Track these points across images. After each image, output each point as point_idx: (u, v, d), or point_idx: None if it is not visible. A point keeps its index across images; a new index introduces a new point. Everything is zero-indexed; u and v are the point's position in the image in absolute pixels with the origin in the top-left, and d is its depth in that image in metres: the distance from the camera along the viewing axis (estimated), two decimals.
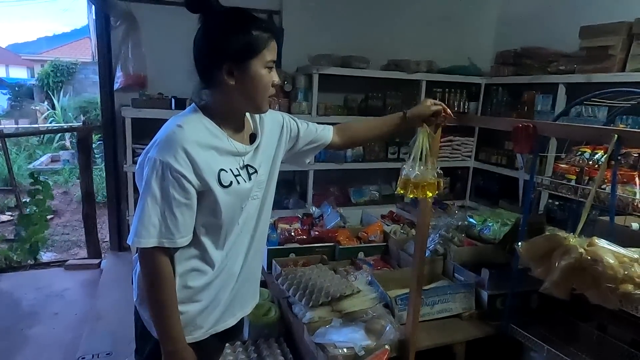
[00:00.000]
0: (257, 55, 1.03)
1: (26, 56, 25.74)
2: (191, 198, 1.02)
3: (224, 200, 1.05)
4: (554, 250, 0.89)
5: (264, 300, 1.87)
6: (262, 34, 1.04)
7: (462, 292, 1.75)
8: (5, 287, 3.08)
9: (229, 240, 1.12)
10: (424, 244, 1.39)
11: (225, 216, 1.07)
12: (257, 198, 1.16)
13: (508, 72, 3.39)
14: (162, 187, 1.00)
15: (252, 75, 1.04)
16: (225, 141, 1.07)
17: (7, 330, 2.52)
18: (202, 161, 1.01)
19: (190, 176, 1.00)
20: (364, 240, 2.29)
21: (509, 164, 3.40)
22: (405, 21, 3.52)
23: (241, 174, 1.09)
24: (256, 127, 1.19)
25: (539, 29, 3.34)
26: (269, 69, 1.05)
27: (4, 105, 15.89)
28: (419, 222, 1.38)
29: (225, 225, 1.09)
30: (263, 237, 1.24)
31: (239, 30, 1.03)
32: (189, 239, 1.05)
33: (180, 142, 1.00)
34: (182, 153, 0.99)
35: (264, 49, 1.04)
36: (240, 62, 1.03)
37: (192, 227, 1.05)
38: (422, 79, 3.43)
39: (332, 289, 1.71)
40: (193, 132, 1.02)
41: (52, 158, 8.65)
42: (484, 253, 1.94)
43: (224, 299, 1.14)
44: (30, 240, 3.54)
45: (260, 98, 1.08)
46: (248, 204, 1.12)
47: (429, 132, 1.34)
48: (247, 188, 1.10)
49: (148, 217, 0.99)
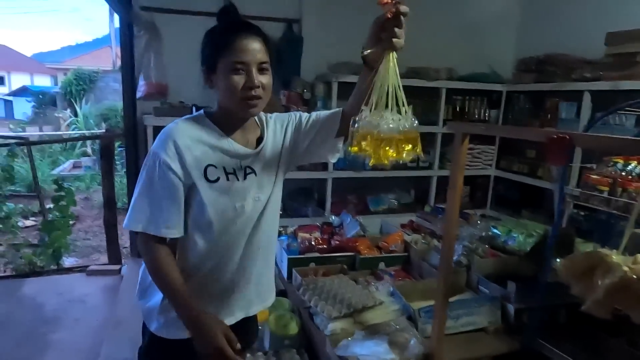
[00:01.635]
0: (222, 58, 1.04)
1: (50, 65, 26.55)
2: (176, 190, 1.06)
3: (210, 196, 1.07)
4: (594, 268, 0.86)
5: (285, 311, 1.86)
6: (226, 35, 1.05)
7: (487, 305, 1.70)
8: (29, 291, 3.13)
9: (223, 240, 1.12)
10: (451, 255, 1.36)
11: (213, 213, 1.09)
12: (259, 200, 1.15)
13: (530, 80, 3.33)
14: (150, 177, 1.06)
15: (220, 77, 1.05)
16: (223, 142, 1.10)
17: (30, 335, 2.56)
18: (190, 154, 1.05)
19: (175, 167, 1.04)
20: (385, 250, 2.26)
21: (531, 172, 3.33)
22: (425, 28, 3.48)
23: (236, 173, 1.11)
24: (263, 130, 1.19)
25: (562, 36, 3.28)
26: (237, 70, 1.03)
27: (29, 113, 16.37)
28: (446, 232, 1.35)
29: (217, 224, 1.09)
30: (268, 240, 1.22)
31: (209, 33, 1.08)
32: (178, 232, 1.08)
33: (172, 135, 1.06)
34: (172, 145, 1.05)
35: (227, 50, 1.03)
36: (210, 65, 1.06)
37: (178, 220, 1.07)
38: (442, 86, 3.40)
39: (354, 300, 1.69)
40: (188, 128, 1.09)
41: (74, 164, 8.85)
42: (509, 265, 1.89)
43: (213, 295, 1.16)
44: (54, 245, 3.61)
45: (232, 101, 1.06)
46: (247, 205, 1.12)
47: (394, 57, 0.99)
48: (240, 187, 1.11)
49: (138, 204, 1.06)
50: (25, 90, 20.97)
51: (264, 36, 1.10)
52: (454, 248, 1.99)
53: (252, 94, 1.04)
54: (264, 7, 3.09)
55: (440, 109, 3.45)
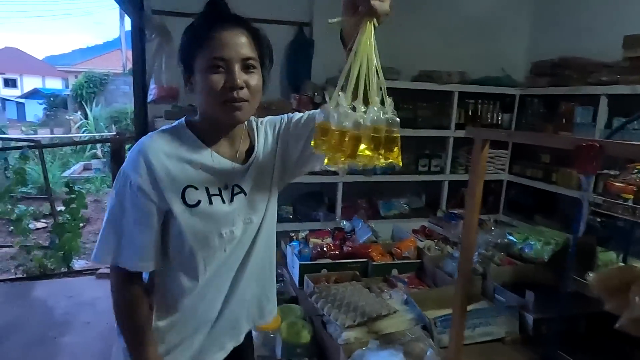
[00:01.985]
0: (199, 54, 0.89)
1: (61, 68, 26.93)
2: (150, 217, 0.90)
3: (189, 222, 0.92)
4: (629, 283, 0.82)
5: (297, 318, 1.83)
6: (203, 28, 0.90)
7: (505, 314, 1.66)
8: (40, 294, 3.14)
9: (209, 271, 0.97)
10: (469, 264, 1.33)
11: (195, 242, 0.93)
12: (251, 222, 1.01)
13: (544, 83, 3.28)
14: (121, 201, 0.91)
15: (198, 78, 0.90)
16: (205, 156, 0.95)
17: (41, 338, 2.56)
18: (165, 174, 0.90)
19: (148, 189, 0.89)
20: (397, 256, 2.23)
21: (545, 177, 3.27)
22: (437, 31, 3.46)
23: (222, 194, 0.95)
24: (254, 140, 1.05)
25: (577, 39, 3.23)
26: (216, 68, 0.88)
27: (40, 115, 16.59)
28: (464, 240, 1.31)
29: (201, 254, 0.95)
30: (264, 263, 1.08)
31: (188, 28, 0.94)
32: (153, 264, 0.94)
33: (144, 151, 0.90)
34: (143, 163, 0.89)
35: (204, 45, 0.88)
36: (188, 64, 0.93)
37: (154, 251, 0.93)
38: (454, 90, 3.36)
39: (368, 309, 1.66)
40: (162, 142, 0.92)
41: (84, 166, 8.92)
42: (527, 273, 1.84)
43: (199, 330, 1.01)
44: (64, 248, 3.63)
45: (212, 105, 0.91)
46: (237, 230, 0.98)
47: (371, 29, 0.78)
48: (225, 211, 0.95)
49: (106, 233, 0.92)
50: (36, 92, 21.27)
51: (252, 29, 0.94)
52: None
53: (234, 96, 0.88)
54: (274, 10, 3.09)
55: (452, 112, 3.41)
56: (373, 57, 0.78)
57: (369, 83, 0.77)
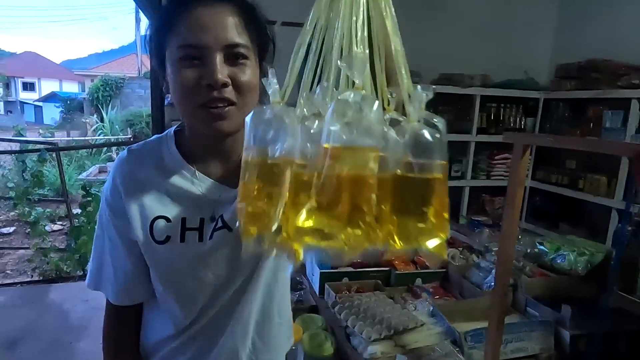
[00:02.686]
0: (168, 42, 0.68)
1: (78, 71, 27.44)
2: (123, 244, 0.77)
3: (157, 260, 0.76)
4: None
5: (319, 329, 1.76)
6: (173, 7, 0.68)
7: (539, 330, 1.57)
8: (56, 297, 3.13)
9: (189, 319, 0.79)
10: (507, 277, 1.25)
11: (165, 284, 0.77)
12: (241, 265, 0.78)
13: (570, 86, 3.17)
14: (100, 223, 0.81)
15: (169, 75, 0.69)
16: (186, 178, 0.75)
17: (57, 343, 2.54)
18: (133, 202, 0.74)
19: (117, 215, 0.76)
20: (421, 265, 2.15)
21: (571, 184, 3.16)
22: (458, 34, 3.38)
23: (203, 227, 0.75)
24: None
25: (603, 41, 3.12)
26: (189, 59, 0.65)
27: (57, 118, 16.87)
28: (502, 249, 1.24)
29: (177, 298, 0.78)
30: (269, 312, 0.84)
31: (158, 11, 0.74)
32: (131, 298, 0.81)
33: (116, 169, 0.77)
34: (113, 185, 0.76)
35: (173, 30, 0.66)
36: (159, 57, 0.71)
37: (131, 282, 0.79)
38: (476, 93, 3.27)
39: (394, 321, 1.58)
40: (137, 162, 0.77)
41: (99, 169, 9.00)
42: (561, 286, 1.75)
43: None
44: (80, 251, 3.62)
45: (183, 110, 0.70)
46: (220, 273, 0.76)
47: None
48: (201, 251, 0.74)
49: (92, 257, 0.84)
50: (54, 96, 21.69)
51: (243, 4, 0.69)
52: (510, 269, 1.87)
53: (214, 96, 0.65)
54: (296, 12, 3.05)
55: (473, 116, 3.32)
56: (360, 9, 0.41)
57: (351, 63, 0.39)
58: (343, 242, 0.32)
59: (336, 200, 0.32)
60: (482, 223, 2.67)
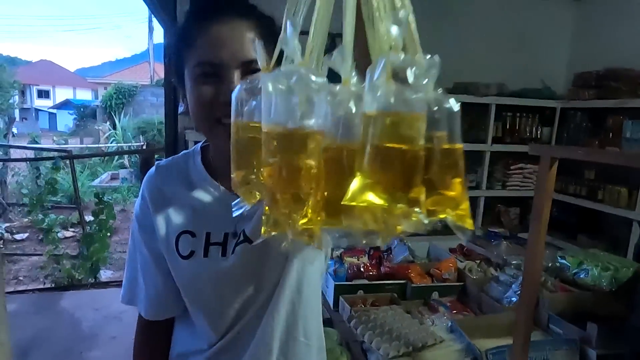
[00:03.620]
0: (186, 59, 0.69)
1: (91, 79, 27.90)
2: (153, 259, 0.78)
3: (183, 275, 0.76)
4: None
5: (334, 343, 1.72)
6: (191, 23, 0.69)
7: (563, 348, 1.51)
8: (67, 305, 3.13)
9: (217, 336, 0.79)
10: (534, 295, 1.20)
11: (192, 300, 0.78)
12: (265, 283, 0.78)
13: (589, 96, 3.11)
14: (132, 237, 0.82)
15: (188, 91, 0.70)
16: (211, 193, 0.76)
17: (67, 352, 2.53)
18: (161, 216, 0.75)
19: (146, 231, 0.77)
20: (437, 278, 2.10)
21: (590, 195, 3.09)
22: (474, 43, 3.35)
23: (227, 242, 0.75)
24: None
25: (623, 49, 3.06)
26: (206, 76, 0.66)
27: (70, 125, 17.12)
28: (529, 263, 1.19)
29: (200, 314, 0.78)
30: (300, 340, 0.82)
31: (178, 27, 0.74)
32: (163, 313, 0.81)
33: (144, 186, 0.79)
34: (143, 201, 0.78)
35: (191, 47, 0.67)
36: (179, 74, 0.72)
37: (163, 297, 0.79)
38: (492, 102, 3.22)
39: (412, 337, 1.54)
40: (164, 177, 0.78)
41: (111, 176, 9.08)
42: (585, 302, 1.69)
43: None
44: (92, 259, 3.63)
45: (200, 127, 0.71)
46: (243, 289, 0.75)
47: None
48: (223, 267, 0.74)
49: (125, 271, 0.84)
50: (68, 103, 22.04)
51: (261, 21, 0.69)
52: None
53: (223, 113, 0.65)
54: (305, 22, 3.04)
55: (488, 126, 3.27)
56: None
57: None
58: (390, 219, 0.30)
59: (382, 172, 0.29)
60: (500, 235, 2.61)
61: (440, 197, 0.34)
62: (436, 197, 0.34)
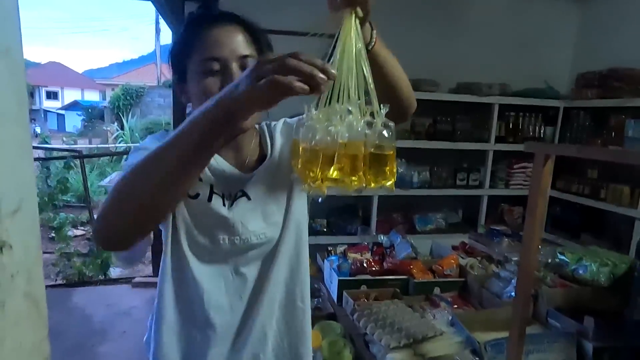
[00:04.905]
0: (191, 59, 0.80)
1: (99, 81, 28.16)
2: None
3: (189, 213, 0.82)
4: None
5: (337, 336, 1.78)
6: (192, 29, 0.81)
7: (561, 341, 1.55)
8: (79, 301, 3.21)
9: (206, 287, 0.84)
10: (529, 288, 1.25)
11: (187, 243, 0.83)
12: (263, 240, 0.86)
13: (592, 95, 3.14)
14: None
15: (192, 85, 0.81)
16: (215, 163, 0.85)
17: (79, 346, 2.60)
18: None
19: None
20: (439, 274, 2.14)
21: (592, 194, 3.11)
22: (476, 42, 3.39)
23: (224, 197, 0.84)
24: (265, 149, 0.92)
25: (627, 49, 3.08)
26: (210, 71, 0.78)
27: (78, 126, 17.31)
28: (524, 258, 1.24)
29: (194, 261, 0.84)
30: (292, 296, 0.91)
31: (177, 35, 0.85)
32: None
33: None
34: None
35: (195, 47, 0.79)
36: (180, 72, 0.83)
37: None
38: (495, 102, 3.26)
39: (413, 329, 1.59)
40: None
41: None
42: (583, 297, 1.73)
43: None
44: (102, 256, 3.71)
45: None
46: (238, 241, 0.83)
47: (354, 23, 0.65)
48: (224, 215, 0.82)
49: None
50: (76, 104, 22.29)
51: (248, 25, 0.83)
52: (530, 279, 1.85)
53: None
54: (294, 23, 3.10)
55: (492, 125, 3.31)
56: (353, 57, 0.62)
57: (349, 89, 0.62)
58: (350, 184, 0.63)
59: (345, 164, 0.62)
60: (502, 232, 2.64)
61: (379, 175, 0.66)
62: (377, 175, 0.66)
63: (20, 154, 0.39)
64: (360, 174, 0.62)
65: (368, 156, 0.63)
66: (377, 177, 0.64)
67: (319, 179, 0.61)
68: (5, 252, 0.38)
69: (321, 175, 0.61)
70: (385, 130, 0.63)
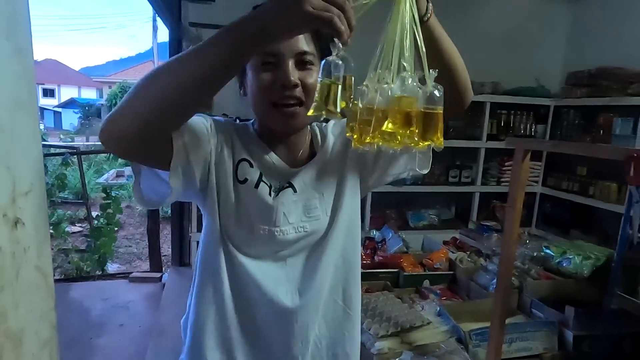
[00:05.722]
0: None
1: (96, 78, 28.04)
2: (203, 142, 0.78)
3: (236, 198, 0.81)
4: None
5: None
6: None
7: (543, 330, 1.62)
8: (77, 296, 3.25)
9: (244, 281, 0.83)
10: (509, 276, 1.30)
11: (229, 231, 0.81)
12: (306, 232, 0.84)
13: (581, 94, 3.20)
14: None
15: (249, 78, 0.81)
16: (265, 150, 0.85)
17: (78, 339, 2.64)
18: (226, 146, 0.82)
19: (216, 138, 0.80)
20: (429, 267, 2.20)
21: (581, 191, 3.18)
22: (468, 41, 3.34)
23: (271, 187, 0.83)
24: (317, 145, 0.91)
25: (615, 49, 3.14)
26: (267, 64, 0.77)
27: (75, 124, 17.29)
28: (504, 250, 1.29)
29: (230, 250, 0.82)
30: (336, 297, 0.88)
31: None
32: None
33: (223, 121, 0.85)
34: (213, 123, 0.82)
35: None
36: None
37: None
38: (487, 100, 3.32)
39: (401, 319, 1.64)
40: (231, 123, 0.87)
41: (117, 173, 9.21)
42: (566, 288, 1.80)
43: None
44: (100, 251, 3.75)
45: (262, 109, 0.81)
46: (278, 232, 0.82)
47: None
48: (267, 203, 0.81)
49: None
50: (73, 102, 22.23)
51: None
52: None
53: (286, 94, 0.77)
54: None
55: (484, 123, 3.36)
56: (406, 20, 0.66)
57: (402, 55, 0.66)
58: (400, 139, 0.64)
59: (398, 119, 0.63)
60: (491, 228, 2.71)
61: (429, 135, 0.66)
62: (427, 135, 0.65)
63: (31, 141, 0.45)
64: (412, 128, 0.63)
65: (419, 114, 0.65)
66: (427, 135, 0.65)
67: (371, 135, 0.64)
68: (20, 227, 0.43)
69: (374, 130, 0.64)
70: (437, 90, 0.66)
